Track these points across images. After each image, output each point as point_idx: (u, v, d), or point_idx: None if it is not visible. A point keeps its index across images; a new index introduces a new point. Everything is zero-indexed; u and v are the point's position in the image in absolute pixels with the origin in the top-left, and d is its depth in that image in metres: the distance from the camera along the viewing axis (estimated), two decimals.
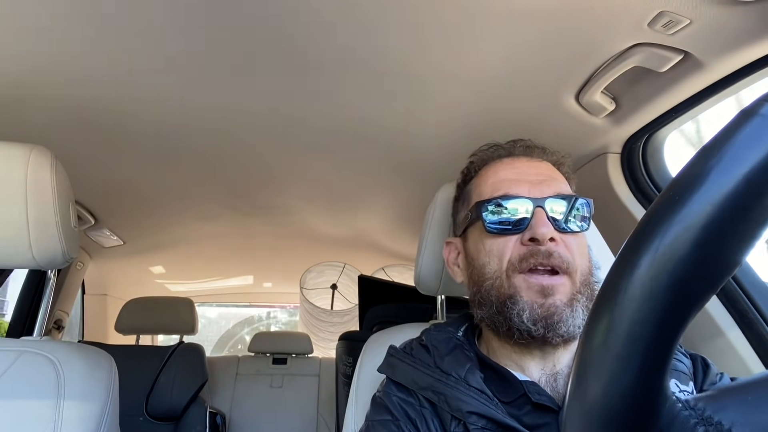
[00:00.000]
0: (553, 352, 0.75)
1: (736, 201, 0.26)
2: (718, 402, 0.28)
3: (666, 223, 0.27)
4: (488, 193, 0.80)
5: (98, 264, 2.66)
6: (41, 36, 0.95)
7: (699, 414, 0.28)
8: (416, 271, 1.06)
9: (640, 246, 0.28)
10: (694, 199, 0.26)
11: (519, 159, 0.83)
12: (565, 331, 0.70)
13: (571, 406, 0.30)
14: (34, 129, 1.31)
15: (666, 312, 0.27)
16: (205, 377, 2.33)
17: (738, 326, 1.03)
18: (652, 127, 1.13)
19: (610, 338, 0.28)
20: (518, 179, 0.79)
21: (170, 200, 2.01)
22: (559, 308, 0.70)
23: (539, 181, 0.78)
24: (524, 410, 0.71)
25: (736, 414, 0.27)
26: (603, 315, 0.29)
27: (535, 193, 0.76)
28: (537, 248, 0.72)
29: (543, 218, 0.73)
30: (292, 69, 1.07)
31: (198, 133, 1.39)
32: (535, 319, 0.70)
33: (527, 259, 0.73)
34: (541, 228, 0.72)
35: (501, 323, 0.74)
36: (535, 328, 0.70)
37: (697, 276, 0.27)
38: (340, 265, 3.19)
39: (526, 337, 0.72)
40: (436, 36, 0.95)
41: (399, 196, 1.95)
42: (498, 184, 0.80)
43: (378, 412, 0.78)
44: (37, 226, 0.94)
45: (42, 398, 0.91)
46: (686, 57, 0.90)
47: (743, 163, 0.26)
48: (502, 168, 0.82)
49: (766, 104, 0.27)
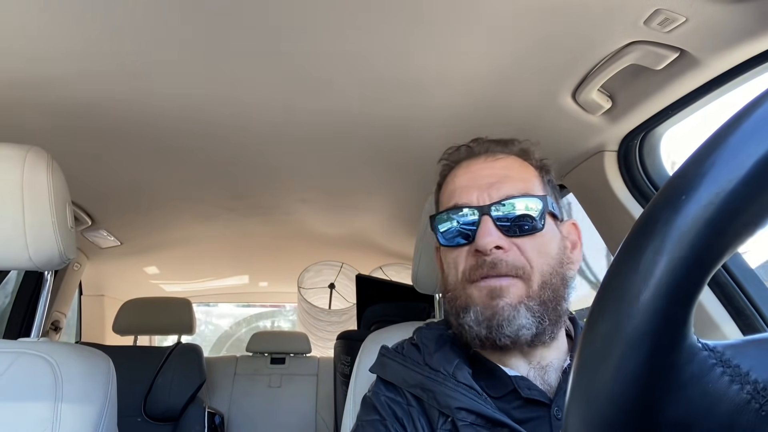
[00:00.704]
0: (532, 352, 0.75)
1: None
2: (738, 348, 0.28)
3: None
4: (444, 204, 0.81)
5: (95, 265, 2.65)
6: (37, 36, 0.94)
7: (718, 356, 0.28)
8: (414, 270, 1.06)
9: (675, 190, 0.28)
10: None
11: (477, 160, 0.82)
12: (512, 332, 0.70)
13: (590, 325, 0.30)
14: (30, 130, 1.31)
15: (697, 247, 0.27)
16: (203, 377, 2.33)
17: (733, 320, 1.04)
18: (648, 125, 1.13)
19: (640, 267, 0.28)
20: (468, 185, 0.78)
21: (167, 201, 2.01)
22: (503, 309, 0.71)
23: (489, 184, 0.77)
24: (514, 404, 0.72)
25: (755, 360, 0.28)
26: (636, 246, 0.29)
27: (483, 200, 0.75)
28: (483, 259, 0.72)
29: (487, 227, 0.73)
30: (289, 69, 1.07)
31: (195, 134, 1.39)
32: (479, 320, 0.72)
33: (475, 271, 0.73)
34: (483, 239, 0.72)
35: (460, 334, 0.76)
36: (479, 328, 0.72)
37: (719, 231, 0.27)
38: (338, 265, 3.19)
39: (478, 344, 0.73)
40: (432, 35, 0.95)
41: (396, 195, 1.95)
42: (453, 193, 0.80)
43: (367, 411, 0.78)
44: (34, 227, 0.94)
45: (40, 400, 0.90)
46: (682, 55, 0.90)
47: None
48: (458, 174, 0.82)
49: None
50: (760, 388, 0.27)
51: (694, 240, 0.26)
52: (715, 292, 1.06)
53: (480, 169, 0.80)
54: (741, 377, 0.27)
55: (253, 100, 1.21)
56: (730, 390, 0.27)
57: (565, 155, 1.32)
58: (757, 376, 0.27)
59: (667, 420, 0.28)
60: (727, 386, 0.27)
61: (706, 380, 0.27)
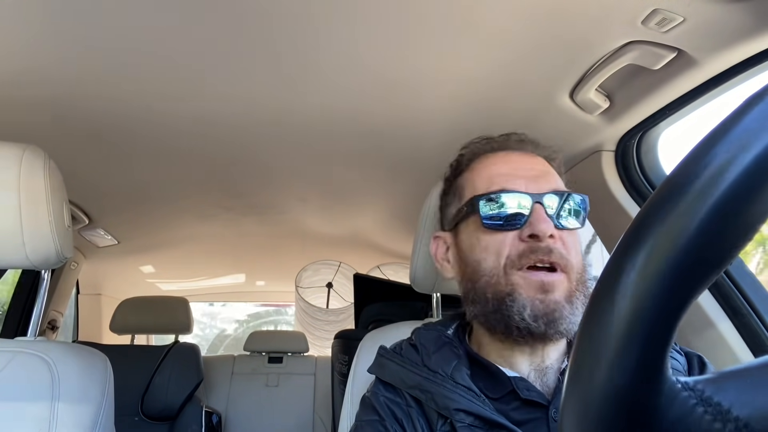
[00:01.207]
0: (542, 348, 0.74)
1: (730, 199, 0.26)
2: (718, 384, 0.28)
3: (663, 215, 0.27)
4: (484, 188, 0.77)
5: (92, 264, 2.64)
6: (34, 35, 0.94)
7: (698, 395, 0.28)
8: (411, 269, 1.06)
9: (652, 219, 0.28)
10: (688, 196, 0.27)
11: (512, 153, 0.81)
12: (565, 328, 0.69)
13: (570, 387, 0.30)
14: (27, 128, 1.31)
15: (671, 288, 0.27)
16: (200, 377, 2.32)
17: (729, 319, 1.04)
18: (646, 125, 1.13)
19: (610, 320, 0.28)
20: (514, 174, 0.77)
21: (164, 200, 2.01)
22: (560, 304, 0.70)
23: (534, 176, 0.76)
24: (512, 406, 0.71)
25: (735, 395, 0.27)
26: (604, 296, 0.29)
27: (532, 189, 0.74)
28: (537, 245, 0.71)
29: (542, 214, 0.72)
30: (287, 69, 1.07)
31: (193, 133, 1.39)
32: (536, 315, 0.69)
33: (527, 256, 0.71)
34: (541, 224, 0.71)
35: (498, 320, 0.72)
36: (536, 324, 0.69)
37: (704, 256, 0.27)
38: (336, 264, 3.19)
39: (525, 335, 0.70)
40: (430, 36, 0.95)
41: (394, 194, 1.95)
42: (493, 178, 0.78)
43: (366, 412, 0.78)
44: (31, 226, 0.93)
45: (37, 399, 0.90)
46: (680, 54, 0.90)
47: (754, 144, 0.26)
48: (496, 162, 0.80)
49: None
50: (741, 425, 0.27)
51: (658, 291, 0.27)
52: (712, 291, 1.06)
53: (521, 161, 0.80)
54: (723, 415, 0.27)
55: (250, 100, 1.21)
56: (712, 429, 0.27)
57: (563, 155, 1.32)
58: (738, 412, 0.27)
59: None
60: (710, 425, 0.27)
61: (688, 421, 0.28)
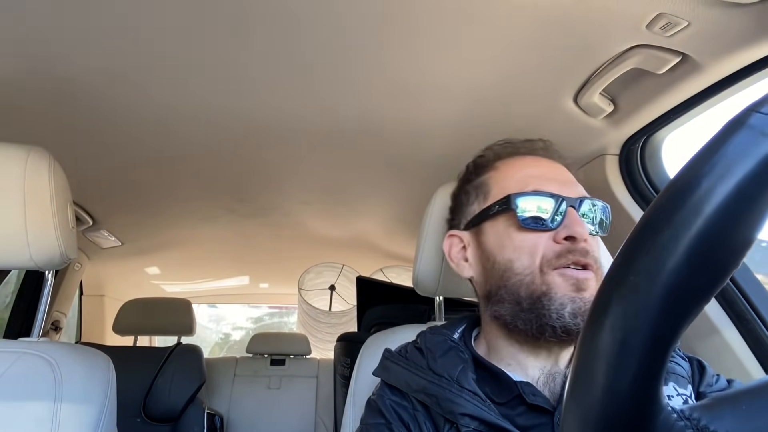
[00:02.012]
0: (558, 350, 0.75)
1: (727, 211, 0.26)
2: (714, 412, 0.28)
3: (659, 234, 0.27)
4: (517, 187, 0.77)
5: (96, 265, 2.65)
6: (39, 37, 0.95)
7: (694, 424, 0.28)
8: (414, 272, 1.06)
9: (634, 254, 0.28)
10: (684, 211, 0.26)
11: (540, 158, 0.82)
12: None
13: (567, 417, 0.30)
14: (32, 130, 1.31)
15: (660, 321, 0.27)
16: (202, 378, 2.32)
17: (734, 325, 1.04)
18: (650, 129, 1.13)
19: (604, 348, 0.28)
20: (546, 177, 0.78)
21: (168, 202, 2.01)
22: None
23: (565, 181, 0.78)
24: (518, 411, 0.71)
25: (731, 423, 0.27)
26: (597, 324, 0.29)
27: (566, 193, 0.76)
28: (575, 246, 0.72)
29: (578, 218, 0.74)
30: (290, 70, 1.07)
31: (197, 136, 1.39)
32: (575, 313, 0.70)
33: (564, 256, 0.72)
34: (579, 227, 0.73)
35: (530, 320, 0.72)
36: (575, 322, 0.69)
37: (692, 285, 0.27)
38: (339, 266, 3.19)
39: (560, 333, 0.70)
40: (433, 38, 0.95)
41: (397, 197, 1.95)
42: (527, 179, 0.78)
43: (372, 415, 0.77)
44: (35, 227, 0.94)
45: (39, 399, 0.90)
46: (684, 59, 0.90)
47: (733, 174, 0.26)
48: (526, 164, 0.81)
49: (753, 114, 0.27)
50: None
51: (650, 324, 0.27)
52: (717, 298, 1.06)
53: (549, 166, 0.81)
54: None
55: (254, 103, 1.21)
56: None
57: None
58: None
59: None
60: None
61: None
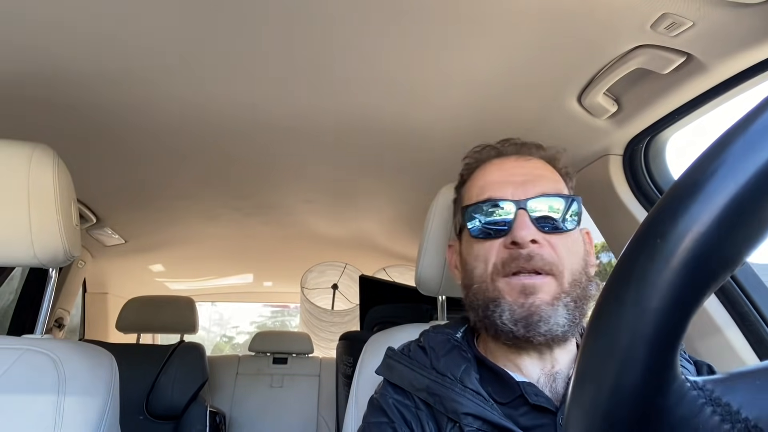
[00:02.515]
0: (549, 353, 0.75)
1: (731, 215, 0.26)
2: (727, 385, 0.28)
3: (674, 216, 0.27)
4: (474, 197, 0.80)
5: (99, 262, 2.66)
6: (45, 35, 0.95)
7: (707, 395, 0.28)
8: (417, 271, 1.06)
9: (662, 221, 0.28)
10: (699, 200, 0.26)
11: (508, 159, 0.83)
12: (547, 330, 0.70)
13: (577, 383, 0.30)
14: (36, 128, 1.32)
15: (678, 292, 0.27)
16: (205, 376, 2.33)
17: (737, 325, 1.03)
18: (654, 129, 1.13)
19: (621, 317, 0.28)
20: (503, 181, 0.79)
21: (172, 200, 2.01)
22: (539, 307, 0.70)
23: (524, 181, 0.77)
24: (521, 411, 0.71)
25: (745, 396, 0.27)
26: (612, 299, 0.29)
27: (518, 195, 0.76)
28: (518, 252, 0.72)
29: (524, 220, 0.73)
30: (295, 71, 1.07)
31: (200, 134, 1.39)
32: (515, 319, 0.71)
33: (509, 264, 0.73)
34: (520, 231, 0.72)
35: (488, 326, 0.74)
36: (516, 328, 0.70)
37: (707, 262, 0.26)
38: (341, 265, 3.19)
39: (511, 338, 0.72)
40: (438, 38, 0.95)
41: (400, 196, 1.95)
42: (484, 187, 0.80)
43: (374, 413, 0.78)
44: (39, 225, 0.94)
45: (43, 396, 0.91)
46: (689, 59, 0.90)
47: (749, 163, 0.26)
48: (489, 170, 0.82)
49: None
50: (751, 426, 0.26)
51: (670, 288, 0.26)
52: (719, 297, 1.06)
53: (513, 167, 0.81)
54: (731, 416, 0.27)
55: (259, 102, 1.21)
56: (721, 430, 0.27)
57: (570, 159, 1.31)
58: (747, 413, 0.27)
59: None
60: (718, 426, 0.27)
61: (696, 421, 0.27)
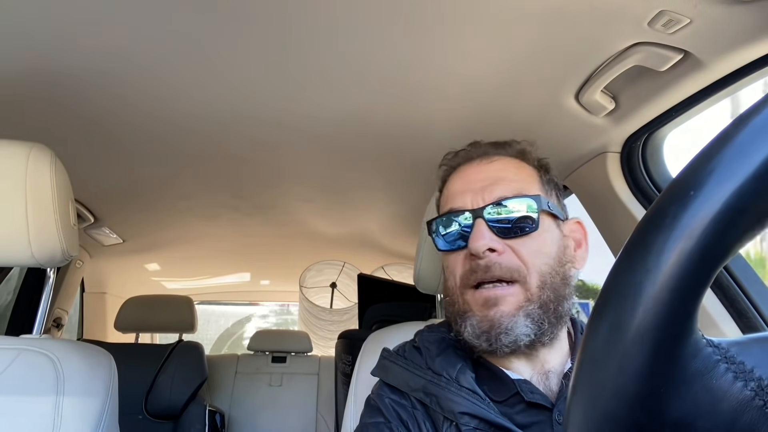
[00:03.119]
0: (536, 356, 0.75)
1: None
2: (743, 345, 0.29)
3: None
4: (441, 210, 0.81)
5: (98, 262, 2.65)
6: (40, 34, 0.95)
7: (723, 353, 0.28)
8: (415, 269, 1.06)
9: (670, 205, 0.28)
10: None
11: (471, 164, 0.82)
12: (510, 342, 0.70)
13: (595, 317, 0.29)
14: (33, 127, 1.31)
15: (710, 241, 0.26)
16: (204, 376, 2.33)
17: (734, 321, 1.04)
18: (651, 127, 1.13)
19: (647, 258, 0.27)
20: (463, 190, 0.78)
21: (170, 199, 2.01)
22: (500, 320, 0.70)
23: (482, 187, 0.76)
24: (517, 409, 0.71)
25: (760, 358, 0.28)
26: (641, 240, 0.28)
27: (477, 202, 0.75)
28: (477, 263, 0.72)
29: (480, 230, 0.72)
30: (293, 70, 1.07)
31: (198, 133, 1.39)
32: (477, 333, 0.71)
33: (470, 276, 0.73)
34: (475, 242, 0.71)
35: (461, 338, 0.75)
36: (479, 342, 0.71)
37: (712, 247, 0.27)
38: (340, 264, 3.19)
39: (479, 351, 0.73)
40: (435, 36, 0.95)
41: (399, 195, 1.95)
42: (447, 198, 0.80)
43: (371, 414, 0.78)
44: (37, 224, 0.94)
45: (41, 396, 0.91)
46: (686, 56, 0.90)
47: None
48: (454, 180, 0.82)
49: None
50: (764, 384, 0.27)
51: (702, 235, 0.26)
52: (717, 294, 1.06)
53: (474, 172, 0.80)
54: (745, 374, 0.27)
55: (256, 100, 1.21)
56: (734, 386, 0.27)
57: (568, 156, 1.32)
58: (761, 373, 0.27)
59: (670, 415, 0.28)
60: (732, 383, 0.27)
61: (710, 376, 0.27)
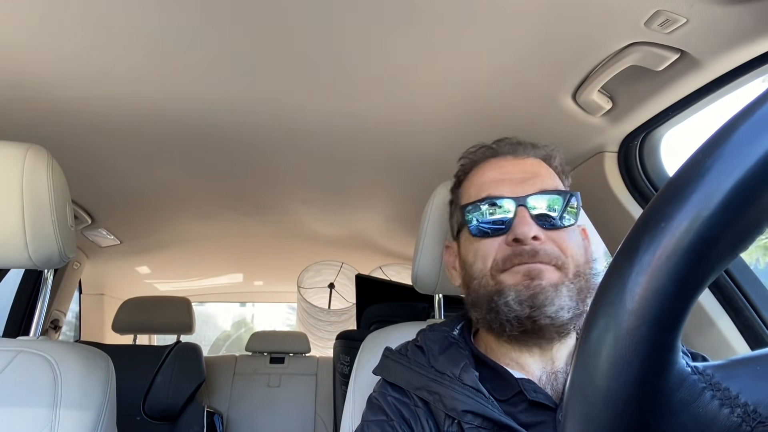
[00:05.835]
0: (549, 348, 0.75)
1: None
2: (727, 370, 0.28)
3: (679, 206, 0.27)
4: (473, 196, 0.80)
5: (95, 264, 2.65)
6: (37, 35, 0.94)
7: (707, 379, 0.28)
8: (414, 270, 1.06)
9: (664, 211, 0.28)
10: (704, 182, 0.26)
11: (504, 158, 0.83)
12: (553, 312, 0.69)
13: (578, 362, 0.30)
14: (30, 128, 1.31)
15: (682, 274, 0.27)
16: (202, 377, 2.33)
17: (731, 319, 1.04)
18: (648, 126, 1.13)
19: (624, 296, 0.28)
20: (502, 179, 0.79)
21: (167, 200, 2.01)
22: (545, 288, 0.70)
23: (522, 179, 0.78)
24: (520, 408, 0.71)
25: (745, 382, 0.28)
26: (615, 280, 0.29)
27: (517, 192, 0.76)
28: (521, 248, 0.72)
29: (525, 217, 0.73)
30: (290, 70, 1.07)
31: (196, 134, 1.39)
32: (521, 300, 0.70)
33: (511, 260, 0.73)
34: (522, 228, 0.72)
35: (493, 320, 0.74)
36: (521, 308, 0.70)
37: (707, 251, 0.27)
38: (338, 264, 3.19)
39: (516, 325, 0.71)
40: (432, 36, 0.95)
41: (396, 195, 1.95)
42: (483, 186, 0.80)
43: (373, 412, 0.78)
44: (34, 226, 0.94)
45: (39, 398, 0.90)
46: (683, 56, 0.90)
47: (747, 156, 0.26)
48: (487, 169, 0.82)
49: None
50: (750, 410, 0.27)
51: (674, 268, 0.26)
52: (713, 291, 1.06)
53: (509, 165, 0.81)
54: (731, 400, 0.27)
55: (254, 101, 1.21)
56: (720, 414, 0.27)
57: (565, 156, 1.32)
58: (746, 398, 0.27)
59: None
60: (718, 410, 0.27)
61: (696, 405, 0.28)
